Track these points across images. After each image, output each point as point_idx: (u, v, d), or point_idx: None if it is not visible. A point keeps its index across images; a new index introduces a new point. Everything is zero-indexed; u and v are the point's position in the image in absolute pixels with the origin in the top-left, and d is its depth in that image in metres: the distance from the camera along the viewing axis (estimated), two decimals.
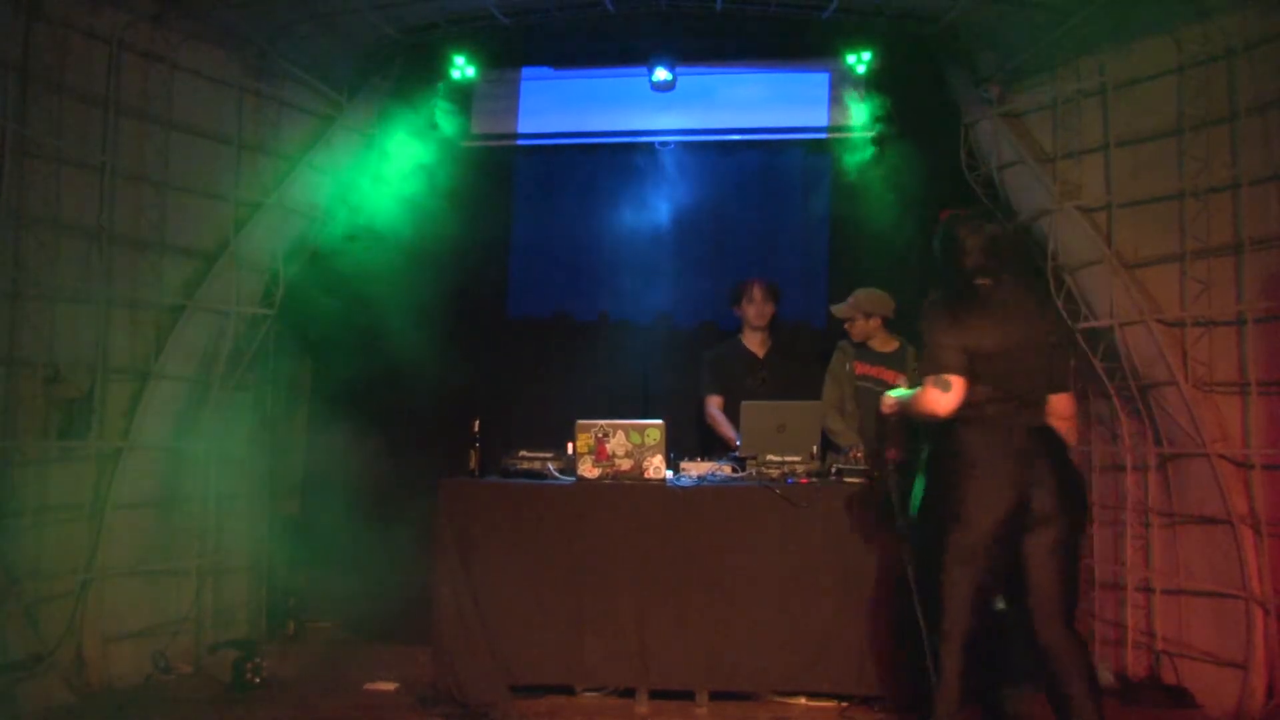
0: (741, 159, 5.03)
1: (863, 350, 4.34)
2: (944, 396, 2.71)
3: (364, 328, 4.80)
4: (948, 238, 2.87)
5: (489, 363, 5.11)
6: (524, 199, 5.17)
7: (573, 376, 5.02)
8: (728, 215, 5.03)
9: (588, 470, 3.68)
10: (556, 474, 3.80)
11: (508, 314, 5.16)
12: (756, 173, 5.00)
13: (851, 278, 4.52)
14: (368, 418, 4.78)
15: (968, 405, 2.72)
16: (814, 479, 3.61)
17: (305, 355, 5.07)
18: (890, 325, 4.33)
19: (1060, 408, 2.84)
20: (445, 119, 4.96)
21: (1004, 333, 2.76)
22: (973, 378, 2.73)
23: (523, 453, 3.88)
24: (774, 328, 4.62)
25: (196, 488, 4.38)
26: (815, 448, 3.77)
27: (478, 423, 3.92)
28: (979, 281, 2.81)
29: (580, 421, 3.72)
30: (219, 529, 4.50)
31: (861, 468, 3.66)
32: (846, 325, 4.33)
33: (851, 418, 4.23)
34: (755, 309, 4.46)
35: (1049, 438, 2.78)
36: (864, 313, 4.27)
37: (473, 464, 3.88)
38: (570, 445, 3.76)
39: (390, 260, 4.78)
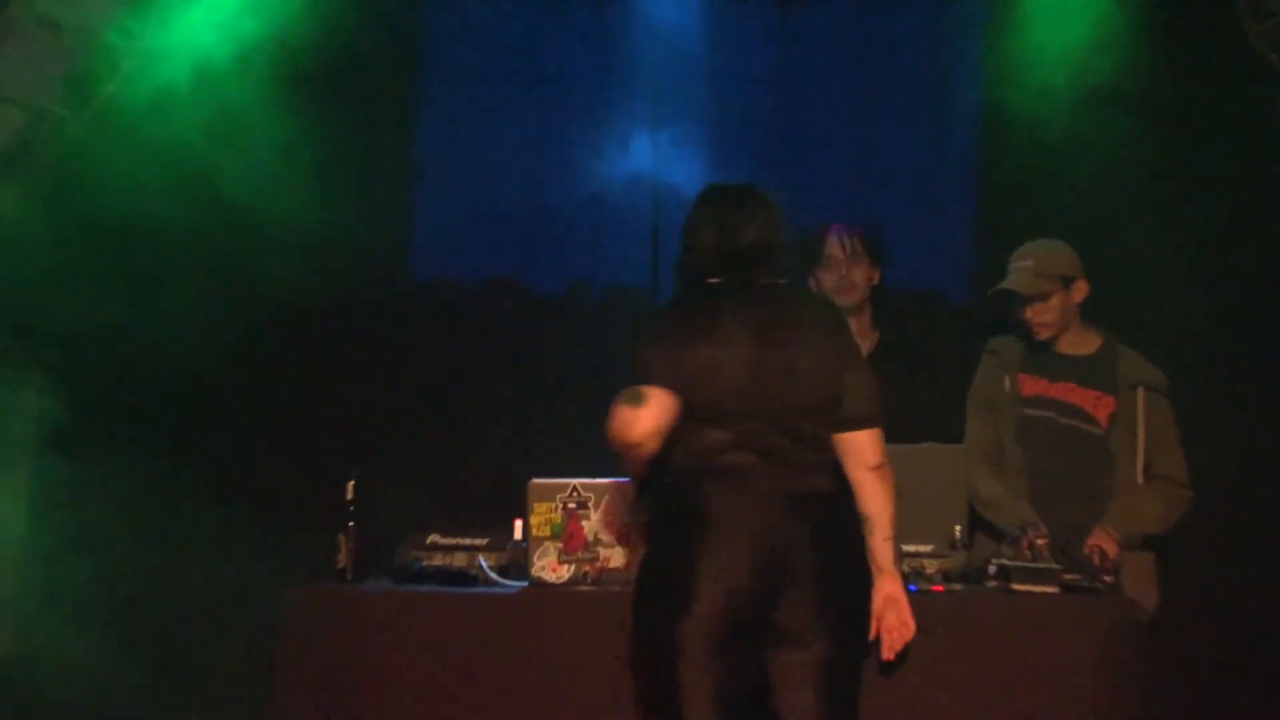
0: (820, 16, 4.43)
1: (1038, 353, 3.78)
2: None
3: (140, 313, 4.23)
4: (688, 222, 3.11)
5: (376, 365, 4.52)
6: (438, 82, 4.54)
7: (524, 394, 4.47)
8: (796, 117, 4.47)
9: (549, 568, 3.28)
10: (494, 575, 3.37)
11: (411, 279, 4.60)
12: (848, 39, 4.45)
13: (1015, 224, 3.95)
14: (149, 472, 4.16)
15: (696, 453, 2.91)
16: (954, 585, 3.27)
17: (29, 364, 4.52)
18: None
19: (858, 451, 3.02)
20: None
21: (731, 352, 2.93)
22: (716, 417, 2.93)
23: (434, 537, 3.49)
24: (879, 307, 4.11)
25: None
26: (959, 529, 3.38)
27: (352, 484, 3.42)
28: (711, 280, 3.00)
29: (536, 481, 3.24)
30: None
31: (1046, 566, 3.19)
32: (1028, 310, 3.76)
33: (1017, 474, 3.78)
34: (836, 276, 3.96)
35: (815, 515, 2.91)
36: (1063, 277, 3.65)
37: (342, 558, 3.39)
38: (518, 523, 3.39)
39: (188, 189, 4.16)
